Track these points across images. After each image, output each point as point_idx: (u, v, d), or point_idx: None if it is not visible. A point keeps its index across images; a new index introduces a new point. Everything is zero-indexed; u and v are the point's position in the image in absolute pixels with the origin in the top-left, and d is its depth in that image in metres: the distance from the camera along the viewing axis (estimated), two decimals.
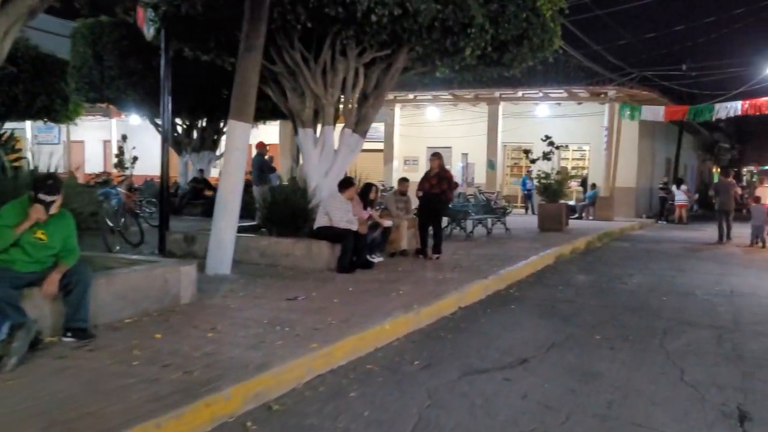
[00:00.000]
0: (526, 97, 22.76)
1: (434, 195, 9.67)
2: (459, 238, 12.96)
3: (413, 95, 23.54)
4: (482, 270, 8.70)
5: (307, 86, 9.40)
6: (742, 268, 10.95)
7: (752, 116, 50.27)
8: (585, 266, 10.61)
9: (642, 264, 10.99)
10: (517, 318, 6.73)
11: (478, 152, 23.50)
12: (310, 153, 9.73)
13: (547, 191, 16.02)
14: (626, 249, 13.48)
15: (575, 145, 24.75)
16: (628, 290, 8.49)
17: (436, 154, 10.02)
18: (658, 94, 21.48)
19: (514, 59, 10.33)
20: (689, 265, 11.04)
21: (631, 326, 6.49)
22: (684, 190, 22.67)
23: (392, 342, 5.56)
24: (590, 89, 21.28)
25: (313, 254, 8.57)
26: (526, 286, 8.52)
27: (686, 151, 32.15)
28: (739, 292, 8.53)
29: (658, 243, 15.09)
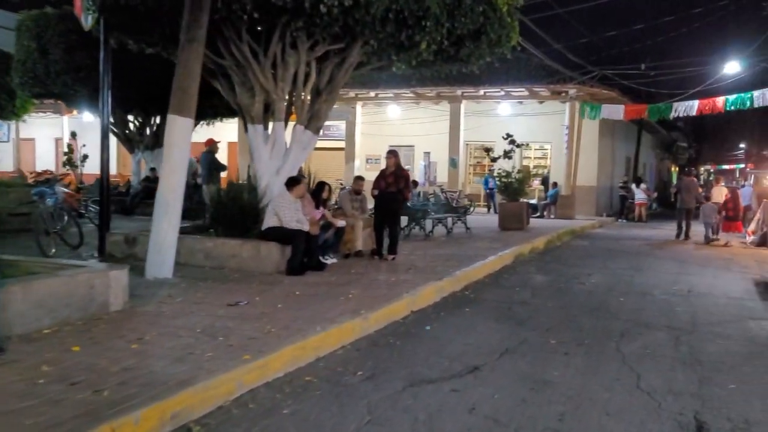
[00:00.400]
0: (488, 96, 22.62)
1: (390, 194, 9.35)
2: (418, 238, 12.67)
3: (375, 93, 23.23)
4: (438, 271, 8.41)
5: (257, 80, 8.99)
6: (700, 267, 10.90)
7: (709, 117, 51.24)
8: (543, 266, 10.42)
9: (601, 263, 10.86)
10: (470, 321, 6.44)
11: (441, 151, 23.31)
12: (261, 150, 9.31)
13: (507, 190, 15.86)
14: (586, 248, 13.38)
15: (537, 144, 24.76)
16: (586, 290, 8.30)
17: (392, 152, 9.71)
18: (618, 93, 21.57)
19: (471, 55, 10.06)
20: (647, 264, 10.95)
21: (588, 329, 6.27)
22: (643, 188, 22.85)
23: (336, 350, 5.21)
24: (551, 88, 21.25)
25: (261, 256, 8.16)
26: (482, 288, 8.25)
27: (645, 150, 32.55)
28: (697, 292, 8.41)
29: (617, 241, 15.05)
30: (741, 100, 18.94)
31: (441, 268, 8.70)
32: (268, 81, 8.94)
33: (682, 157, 48.98)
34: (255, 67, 8.84)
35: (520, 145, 16.90)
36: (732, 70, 19.56)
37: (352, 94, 23.44)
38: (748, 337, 6.15)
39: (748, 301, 7.96)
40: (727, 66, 19.65)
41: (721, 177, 19.71)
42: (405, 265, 8.97)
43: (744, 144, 55.50)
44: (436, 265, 8.93)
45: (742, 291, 8.62)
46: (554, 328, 6.28)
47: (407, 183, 9.41)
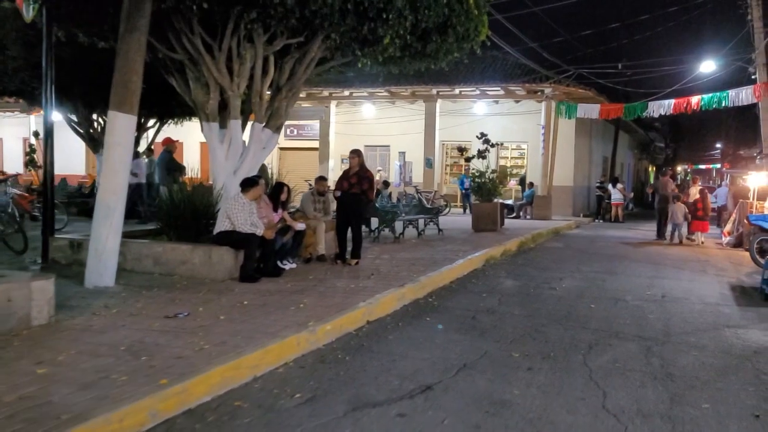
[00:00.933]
0: (463, 95, 22.25)
1: (353, 195, 8.88)
2: (387, 241, 12.22)
3: (349, 92, 22.75)
4: (401, 277, 7.95)
5: (211, 76, 8.46)
6: (675, 269, 10.57)
7: (685, 117, 51.44)
8: (514, 270, 10.00)
9: (573, 266, 10.48)
10: (430, 333, 5.99)
11: (416, 151, 22.90)
12: (216, 149, 8.79)
13: (481, 190, 15.46)
14: (560, 250, 13.01)
15: (514, 143, 24.46)
16: (556, 296, 7.88)
17: (355, 152, 9.24)
18: (594, 93, 21.31)
19: (439, 50, 9.63)
20: (621, 267, 10.59)
21: (555, 340, 5.84)
22: (620, 188, 22.61)
23: (277, 368, 4.73)
24: (527, 87, 20.92)
25: (213, 262, 7.64)
26: (447, 294, 7.80)
27: (623, 150, 32.42)
28: (671, 297, 8.05)
29: (592, 242, 14.72)
30: (717, 98, 18.73)
31: (405, 273, 8.24)
32: (223, 76, 8.42)
33: (660, 157, 49.13)
34: (209, 62, 8.32)
35: (494, 145, 16.50)
36: (707, 69, 19.35)
37: (326, 93, 22.96)
38: (723, 347, 5.76)
39: (724, 306, 7.60)
40: (702, 65, 19.44)
41: (698, 177, 19.59)
42: (368, 270, 8.50)
43: (720, 144, 55.82)
44: (400, 271, 8.47)
45: (718, 296, 8.26)
46: (519, 339, 5.85)
47: (371, 184, 8.93)
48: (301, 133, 25.51)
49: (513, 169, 24.92)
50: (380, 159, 25.33)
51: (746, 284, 9.29)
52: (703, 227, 15.22)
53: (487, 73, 21.94)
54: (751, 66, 18.32)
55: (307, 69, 9.21)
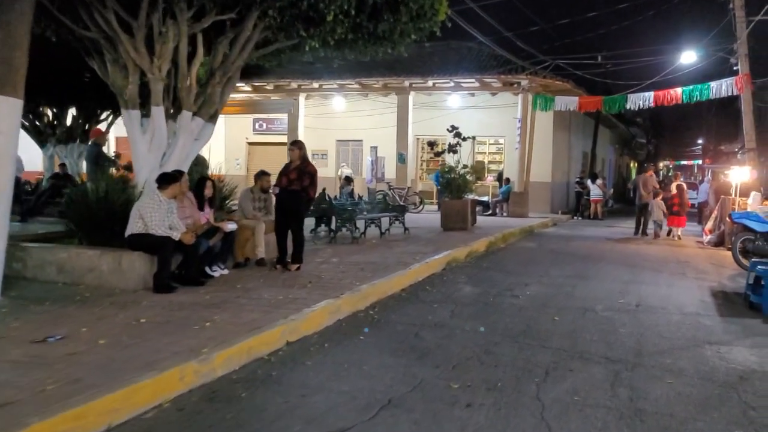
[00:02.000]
0: (437, 87, 21.29)
1: (292, 192, 7.88)
2: (346, 241, 11.24)
3: (318, 84, 21.73)
4: (343, 285, 6.97)
5: (129, 57, 7.43)
6: (653, 272, 9.69)
7: (667, 112, 50.69)
8: (477, 274, 9.06)
9: (543, 269, 9.56)
10: (360, 355, 5.02)
11: (390, 145, 21.90)
12: (138, 140, 7.75)
13: (450, 186, 14.52)
14: (531, 250, 12.10)
15: (492, 138, 23.58)
16: (518, 306, 6.95)
17: (295, 143, 8.22)
18: (573, 85, 20.44)
19: (393, 31, 8.68)
20: (595, 270, 9.69)
21: (506, 363, 4.90)
22: (599, 184, 21.80)
23: (145, 413, 3.73)
24: (503, 78, 20.00)
25: (123, 269, 6.63)
26: (394, 305, 6.84)
27: (604, 145, 31.68)
28: (647, 306, 7.15)
29: (567, 242, 13.84)
30: (698, 91, 17.96)
31: (349, 280, 7.27)
32: (142, 57, 7.39)
33: (641, 153, 48.59)
34: (125, 41, 7.28)
35: (465, 139, 15.55)
36: (688, 60, 18.54)
37: (295, 84, 21.93)
38: (704, 372, 4.85)
39: (705, 317, 6.71)
40: (683, 56, 18.63)
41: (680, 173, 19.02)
42: (307, 277, 7.51)
43: (701, 140, 55.44)
44: (345, 277, 7.49)
45: (698, 304, 7.38)
46: (464, 363, 4.90)
47: (312, 180, 7.91)
48: (271, 127, 24.44)
49: (491, 165, 24.09)
50: (353, 154, 24.33)
51: (729, 289, 8.43)
52: (679, 222, 15.03)
53: (462, 64, 21.01)
54: (732, 57, 17.53)
55: (243, 51, 8.21)
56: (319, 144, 24.17)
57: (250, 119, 24.74)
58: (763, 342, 5.78)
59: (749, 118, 17.06)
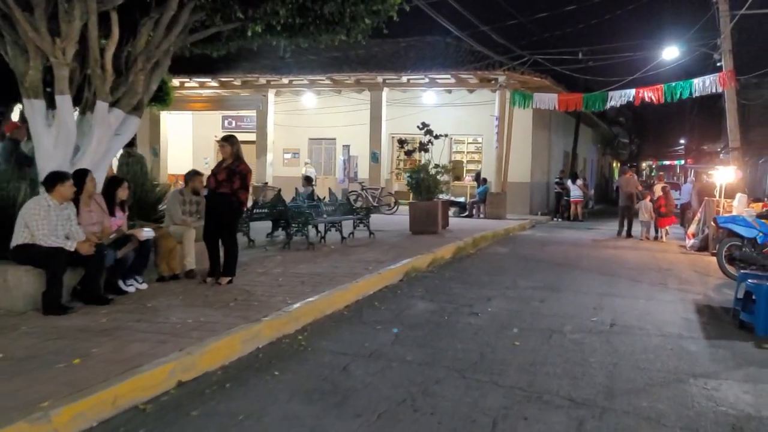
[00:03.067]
0: (412, 83, 20.30)
1: (222, 196, 6.84)
2: (302, 247, 10.22)
3: (288, 79, 20.65)
4: (272, 303, 5.96)
5: (28, 38, 6.35)
6: (632, 282, 8.75)
7: (649, 112, 50.08)
8: (437, 286, 8.07)
9: (511, 279, 8.59)
10: (263, 402, 4.00)
11: (364, 144, 20.86)
12: (42, 135, 6.65)
13: (419, 187, 13.54)
14: (502, 257, 11.13)
15: (471, 137, 22.65)
16: (475, 328, 5.96)
17: (227, 139, 7.14)
18: (552, 82, 19.51)
19: (342, 14, 7.69)
20: (568, 280, 8.73)
21: (446, 410, 3.91)
22: (579, 184, 20.94)
23: None
24: (479, 74, 19.04)
25: (10, 286, 5.56)
26: (328, 328, 5.83)
27: (586, 145, 30.89)
28: (622, 325, 6.19)
29: (542, 246, 12.90)
30: (680, 88, 17.13)
31: (282, 297, 6.25)
32: (43, 38, 6.30)
33: (624, 153, 48.02)
34: (21, 18, 6.20)
35: (438, 136, 14.59)
36: (671, 56, 17.67)
37: (263, 80, 20.85)
38: (688, 419, 3.90)
39: (689, 340, 5.77)
40: (665, 52, 17.75)
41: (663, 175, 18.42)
42: (236, 292, 6.48)
43: (684, 140, 54.93)
44: (279, 293, 6.47)
45: (681, 322, 6.44)
46: (394, 410, 3.90)
47: (243, 182, 6.85)
48: (240, 124, 23.33)
49: (469, 165, 23.16)
50: (326, 153, 23.31)
51: (715, 303, 7.51)
52: (668, 222, 14.82)
53: (437, 60, 20.05)
54: (716, 53, 16.70)
55: (169, 34, 7.14)
56: (290, 142, 23.15)
57: (219, 116, 23.62)
58: (758, 374, 4.83)
59: (733, 116, 16.23)
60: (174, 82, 21.03)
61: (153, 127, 21.70)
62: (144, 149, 20.72)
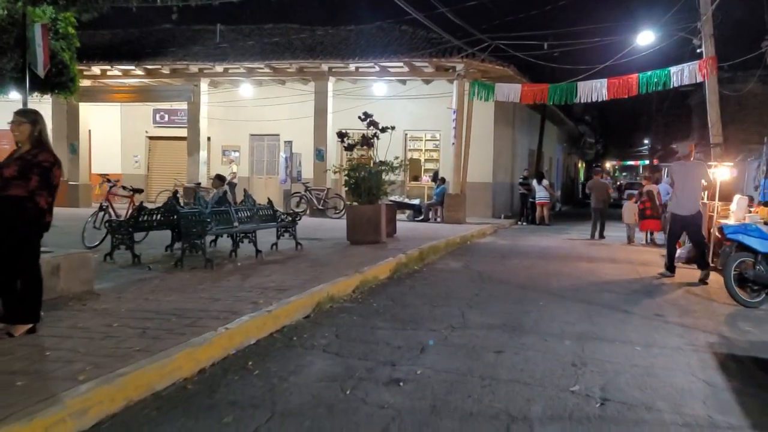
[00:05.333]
0: (361, 72, 17.98)
1: (11, 201, 4.40)
2: (200, 264, 7.82)
3: (222, 67, 18.13)
4: (52, 384, 3.54)
5: None
6: (618, 314, 6.54)
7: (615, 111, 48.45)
8: (352, 328, 5.70)
9: (459, 312, 6.29)
10: None
11: (310, 140, 18.43)
12: None
13: (358, 189, 11.21)
14: (453, 275, 8.82)
15: (429, 132, 20.43)
16: (387, 417, 3.63)
17: (24, 113, 4.66)
18: (515, 71, 17.38)
19: None
20: (535, 313, 6.46)
21: None
22: (545, 185, 18.86)
23: None
24: (435, 62, 16.81)
25: None
26: (136, 426, 3.44)
27: (551, 143, 28.97)
28: (620, 401, 3.93)
29: (504, 259, 10.66)
30: (656, 77, 15.19)
31: (86, 364, 3.84)
32: None
33: (590, 152, 46.53)
34: None
35: (385, 129, 12.31)
36: (646, 42, 15.65)
37: (194, 68, 18.30)
38: None
39: (726, 429, 3.55)
40: (640, 37, 15.72)
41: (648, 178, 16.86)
42: (22, 356, 4.05)
43: (648, 140, 53.80)
44: (89, 355, 4.05)
45: (704, 390, 4.21)
46: None
47: (46, 179, 4.44)
48: (174, 119, 20.72)
49: (427, 163, 20.94)
50: (268, 150, 20.84)
51: (738, 349, 5.31)
52: (655, 225, 13.71)
53: (390, 47, 17.77)
54: (696, 38, 14.74)
55: None
56: (230, 139, 20.65)
57: (150, 110, 20.95)
58: None
59: (715, 109, 14.26)
60: (94, 69, 18.42)
61: (71, 120, 18.92)
62: (61, 145, 18.02)
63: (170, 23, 21.92)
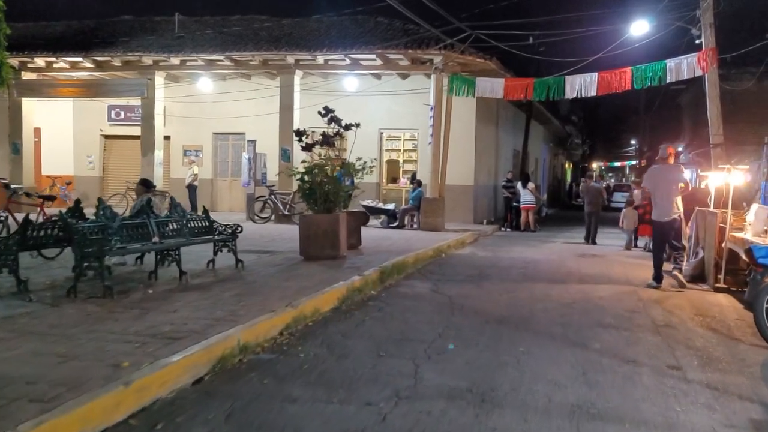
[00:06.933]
0: (331, 65, 16.34)
1: None
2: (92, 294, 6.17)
3: (179, 59, 16.39)
4: None
5: None
6: (621, 366, 4.94)
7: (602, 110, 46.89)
8: (259, 399, 4.05)
9: (411, 369, 4.64)
10: None
11: (277, 140, 16.73)
12: None
13: (313, 195, 9.56)
14: (416, 305, 7.12)
15: (408, 132, 18.79)
16: None
17: None
18: (498, 65, 15.81)
19: None
20: (513, 371, 4.81)
21: None
22: (531, 188, 17.29)
23: None
24: (410, 53, 15.20)
25: None
26: None
27: (537, 143, 27.44)
28: None
29: (481, 279, 9.02)
30: (652, 71, 13.65)
31: None
32: None
33: (576, 153, 45.14)
34: None
35: (349, 127, 10.70)
36: (640, 32, 14.11)
37: (149, 60, 16.55)
38: None
39: None
40: (634, 27, 14.18)
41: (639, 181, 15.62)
42: None
43: (635, 141, 52.52)
44: None
45: None
46: None
47: None
48: (130, 116, 18.95)
49: (406, 164, 19.33)
50: (233, 150, 19.13)
51: None
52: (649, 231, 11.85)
53: (362, 39, 16.12)
54: (694, 27, 13.24)
55: None
56: (191, 138, 18.91)
57: (105, 106, 19.16)
58: None
59: (716, 105, 12.75)
60: (38, 61, 16.64)
61: (13, 117, 17.09)
62: (1, 144, 16.22)
63: (130, 14, 20.23)
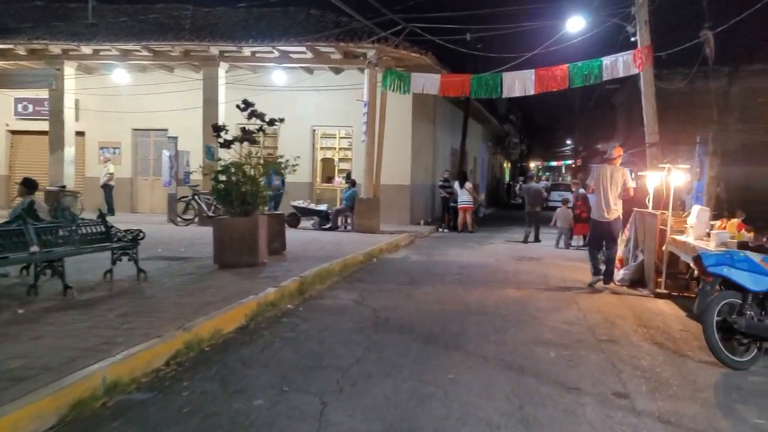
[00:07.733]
0: (258, 58, 15.31)
1: None
2: None
3: (91, 48, 15.00)
4: None
5: None
6: (569, 396, 4.28)
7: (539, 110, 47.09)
8: None
9: (317, 409, 3.82)
10: None
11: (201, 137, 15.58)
12: None
13: (228, 197, 8.61)
14: (336, 321, 6.30)
15: (343, 129, 17.93)
16: None
17: None
18: (434, 60, 15.20)
19: None
20: (438, 407, 4.06)
21: None
22: (468, 188, 16.78)
23: None
24: (342, 46, 14.38)
25: None
26: None
27: (476, 142, 27.11)
28: None
29: (412, 287, 8.30)
30: (587, 68, 13.29)
31: None
32: None
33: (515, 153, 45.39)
34: None
35: (273, 122, 9.78)
36: (576, 28, 13.78)
37: (57, 49, 15.09)
38: None
39: None
40: (569, 23, 13.84)
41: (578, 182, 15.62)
42: None
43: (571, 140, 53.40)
44: None
45: None
46: None
47: None
48: (39, 110, 17.32)
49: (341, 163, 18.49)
50: (155, 148, 17.80)
51: None
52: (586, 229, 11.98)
53: (292, 31, 15.19)
54: (630, 24, 12.98)
55: None
56: (108, 134, 17.47)
57: (11, 99, 17.47)
58: None
59: (651, 104, 12.53)
60: None
61: None
62: None
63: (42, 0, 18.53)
